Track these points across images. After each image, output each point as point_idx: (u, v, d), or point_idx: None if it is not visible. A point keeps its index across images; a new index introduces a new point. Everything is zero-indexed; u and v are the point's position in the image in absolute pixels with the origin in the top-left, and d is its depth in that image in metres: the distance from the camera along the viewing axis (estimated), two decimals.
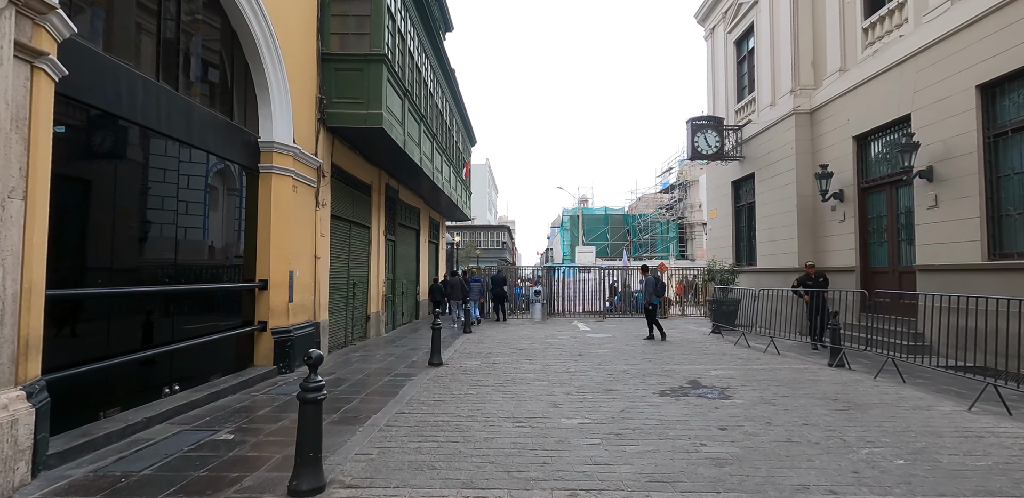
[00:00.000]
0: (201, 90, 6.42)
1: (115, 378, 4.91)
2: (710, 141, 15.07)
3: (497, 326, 14.88)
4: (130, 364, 5.03)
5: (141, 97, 5.14)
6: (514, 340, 11.62)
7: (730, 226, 15.95)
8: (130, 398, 5.08)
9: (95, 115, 4.71)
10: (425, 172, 12.54)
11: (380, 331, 12.09)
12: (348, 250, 10.42)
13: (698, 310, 18.72)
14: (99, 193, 4.82)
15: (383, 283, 12.34)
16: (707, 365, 8.31)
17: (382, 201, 12.30)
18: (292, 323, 7.76)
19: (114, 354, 4.86)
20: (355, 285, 10.72)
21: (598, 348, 10.30)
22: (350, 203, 10.47)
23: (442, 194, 15.89)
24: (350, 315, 10.54)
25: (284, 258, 7.53)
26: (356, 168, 10.67)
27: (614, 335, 12.59)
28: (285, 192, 7.56)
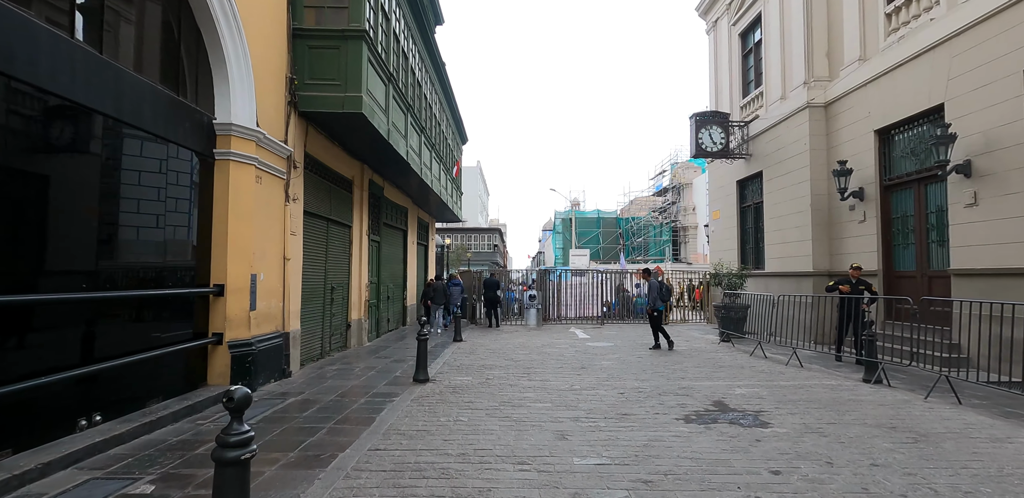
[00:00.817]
0: (138, 57, 5.34)
1: (7, 410, 3.81)
2: (715, 138, 14.18)
3: (490, 333, 13.82)
4: (32, 391, 3.93)
5: (46, 54, 4.07)
6: (509, 350, 10.58)
7: (735, 227, 15.05)
8: (28, 435, 3.98)
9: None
10: (413, 167, 11.49)
11: (362, 340, 11.00)
12: (325, 251, 9.33)
13: (699, 315, 17.80)
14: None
15: (366, 287, 11.26)
16: (728, 381, 7.32)
17: (365, 198, 11.23)
18: (255, 334, 6.66)
19: (9, 379, 3.77)
20: (333, 290, 9.63)
21: (602, 359, 9.28)
22: (327, 199, 9.39)
23: (431, 193, 14.84)
24: (327, 323, 9.44)
25: (244, 259, 6.44)
26: (335, 161, 9.60)
27: (616, 344, 11.59)
28: (246, 183, 6.48)
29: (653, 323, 10.88)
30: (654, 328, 10.86)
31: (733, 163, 14.65)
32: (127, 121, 5.00)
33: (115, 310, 4.97)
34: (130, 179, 5.20)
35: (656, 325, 10.80)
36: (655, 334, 10.83)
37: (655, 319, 10.84)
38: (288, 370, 7.45)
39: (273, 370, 7.07)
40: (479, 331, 14.35)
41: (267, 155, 6.97)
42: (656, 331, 10.82)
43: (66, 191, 4.40)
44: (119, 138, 5.02)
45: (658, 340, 10.77)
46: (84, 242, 4.59)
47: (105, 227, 4.81)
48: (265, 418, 5.38)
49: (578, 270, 19.59)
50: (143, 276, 5.37)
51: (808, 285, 11.39)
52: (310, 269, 8.65)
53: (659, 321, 10.82)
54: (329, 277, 9.49)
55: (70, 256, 4.48)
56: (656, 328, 10.81)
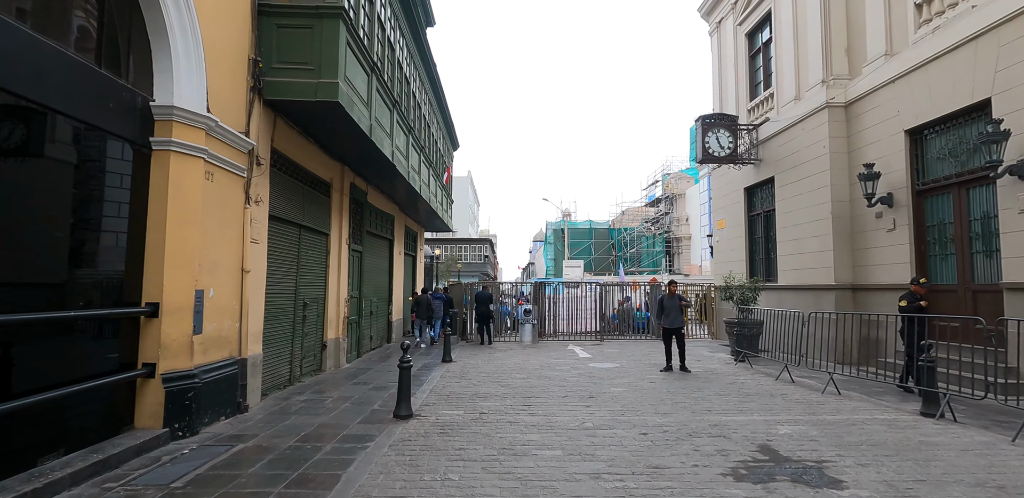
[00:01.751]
0: (41, 15, 4.19)
1: None
2: (722, 141, 13.21)
3: (482, 352, 12.61)
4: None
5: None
6: (504, 372, 9.38)
7: (743, 237, 14.04)
8: None
9: None
10: (399, 170, 10.36)
11: (340, 362, 9.75)
12: (297, 262, 8.14)
13: (702, 330, 16.69)
14: None
15: (345, 302, 10.04)
16: (764, 414, 6.19)
17: (345, 203, 10.06)
18: (199, 363, 5.44)
19: None
20: (306, 306, 8.41)
21: (611, 385, 8.12)
22: (300, 203, 8.22)
23: (420, 199, 13.70)
24: (298, 344, 8.21)
25: (187, 272, 5.24)
26: (310, 160, 8.45)
27: (621, 364, 10.43)
28: (193, 179, 5.30)
29: (670, 342, 9.70)
30: (668, 348, 9.71)
31: (741, 169, 13.68)
32: (27, 97, 3.84)
33: (5, 339, 3.75)
34: (35, 172, 4.02)
35: (676, 344, 9.63)
36: (668, 354, 9.69)
37: (677, 338, 9.66)
38: (244, 404, 6.21)
39: (224, 405, 5.83)
40: (470, 349, 13.13)
41: (221, 148, 5.80)
42: (670, 351, 9.67)
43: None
44: (17, 121, 3.85)
45: (670, 361, 9.63)
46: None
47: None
48: (197, 478, 4.14)
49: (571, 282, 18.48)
50: (50, 294, 4.17)
51: (829, 299, 10.36)
52: (277, 283, 7.44)
53: (682, 340, 9.68)
54: (301, 291, 8.27)
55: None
56: (671, 348, 9.67)
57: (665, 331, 9.77)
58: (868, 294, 9.95)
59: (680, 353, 9.56)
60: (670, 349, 9.67)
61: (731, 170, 14.44)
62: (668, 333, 9.72)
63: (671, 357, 9.64)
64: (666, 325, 9.69)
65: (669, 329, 9.67)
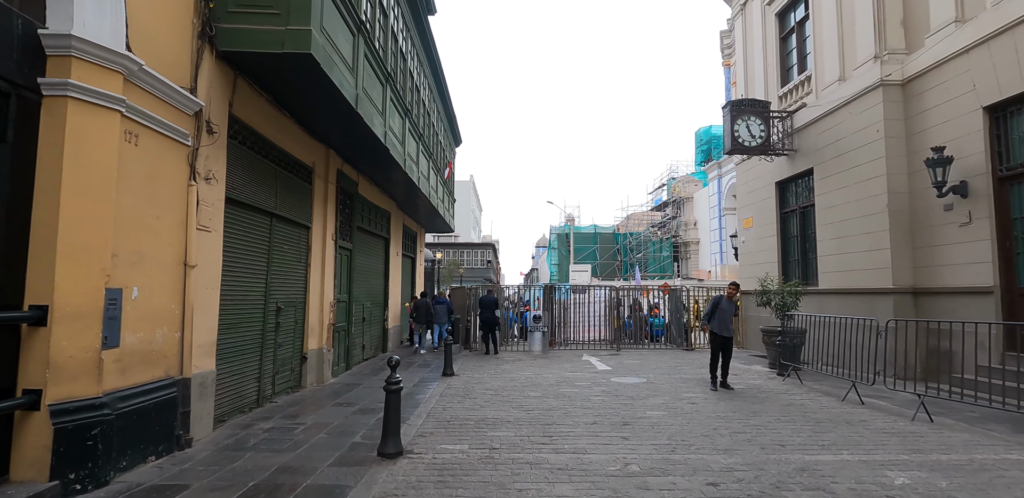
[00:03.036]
0: None
1: None
2: (753, 130, 11.81)
3: (488, 363, 11.14)
4: None
5: None
6: (515, 389, 7.91)
7: (774, 237, 12.60)
8: None
9: None
10: (394, 156, 8.96)
11: (324, 376, 8.28)
12: (268, 257, 6.71)
13: None
14: None
15: (331, 307, 8.59)
16: (856, 452, 4.72)
17: (331, 193, 8.65)
18: (114, 388, 4.00)
19: None
20: (280, 311, 6.97)
21: (645, 406, 6.65)
22: (272, 187, 6.81)
23: (419, 194, 12.31)
24: (269, 357, 6.76)
25: (93, 264, 3.81)
26: (286, 138, 7.06)
27: (648, 378, 8.96)
28: (103, 139, 3.90)
29: (718, 355, 8.14)
30: (714, 362, 8.16)
31: (773, 161, 12.28)
32: None
33: None
34: None
35: (723, 358, 8.12)
36: (713, 368, 8.16)
37: (725, 348, 8.13)
38: (185, 438, 4.75)
39: (154, 441, 4.38)
40: (474, 359, 11.66)
41: (152, 103, 4.40)
42: (715, 365, 8.16)
43: None
44: None
45: (716, 378, 8.08)
46: None
47: None
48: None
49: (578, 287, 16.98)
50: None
51: (885, 305, 8.90)
52: (239, 282, 6.01)
53: (728, 351, 8.17)
54: (274, 294, 6.84)
55: None
56: (717, 362, 8.14)
57: (715, 339, 8.20)
58: (934, 299, 8.49)
59: (723, 366, 8.07)
60: (717, 362, 8.15)
61: (760, 164, 13.04)
62: (719, 343, 8.14)
63: (715, 372, 8.13)
64: (720, 332, 8.13)
65: (721, 338, 8.12)
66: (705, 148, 41.38)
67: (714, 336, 8.25)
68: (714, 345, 8.25)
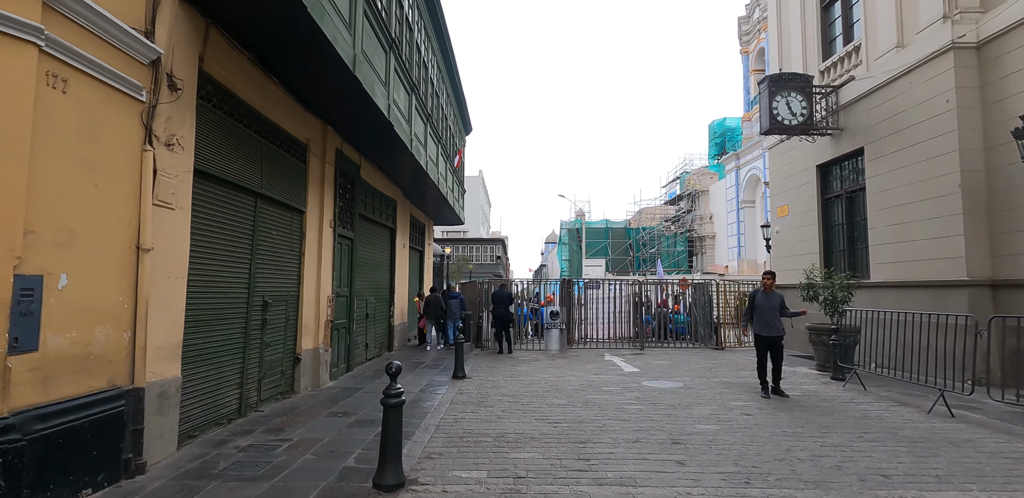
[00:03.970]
0: None
1: None
2: (794, 107, 10.70)
3: (502, 364, 10.16)
4: None
5: None
6: (536, 395, 6.93)
7: (815, 225, 11.49)
8: None
9: None
10: (399, 135, 7.98)
11: (320, 379, 7.35)
12: (251, 244, 5.76)
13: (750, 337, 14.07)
14: None
15: (329, 302, 7.65)
16: (993, 491, 3.69)
17: (330, 175, 7.69)
18: (28, 404, 3.06)
19: None
20: (266, 306, 6.02)
21: (691, 418, 5.64)
22: (256, 163, 5.85)
23: (428, 182, 11.33)
24: (254, 360, 5.82)
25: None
26: (274, 107, 6.10)
27: (685, 382, 7.94)
28: (11, 76, 2.95)
29: (774, 358, 7.00)
30: (762, 366, 7.10)
31: (816, 141, 11.15)
32: None
33: None
34: None
35: (773, 361, 7.01)
36: (762, 372, 7.10)
37: (775, 349, 6.99)
38: (137, 462, 3.81)
39: (91, 470, 3.45)
40: (487, 359, 10.70)
41: (88, 41, 3.44)
42: (764, 368, 7.09)
43: None
44: None
45: (767, 384, 7.02)
46: None
47: None
48: None
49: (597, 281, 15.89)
50: None
51: (959, 299, 7.80)
52: (214, 271, 5.07)
53: (778, 353, 7.02)
54: (259, 286, 5.89)
55: None
56: (765, 364, 7.09)
57: (760, 340, 7.15)
58: (1020, 293, 7.38)
59: (775, 371, 7.01)
60: (765, 365, 7.10)
61: (797, 146, 11.93)
62: (764, 344, 7.08)
63: (765, 376, 7.09)
64: (761, 332, 7.09)
65: (766, 338, 7.06)
66: (719, 141, 40.09)
67: (757, 337, 7.18)
68: (759, 347, 7.18)
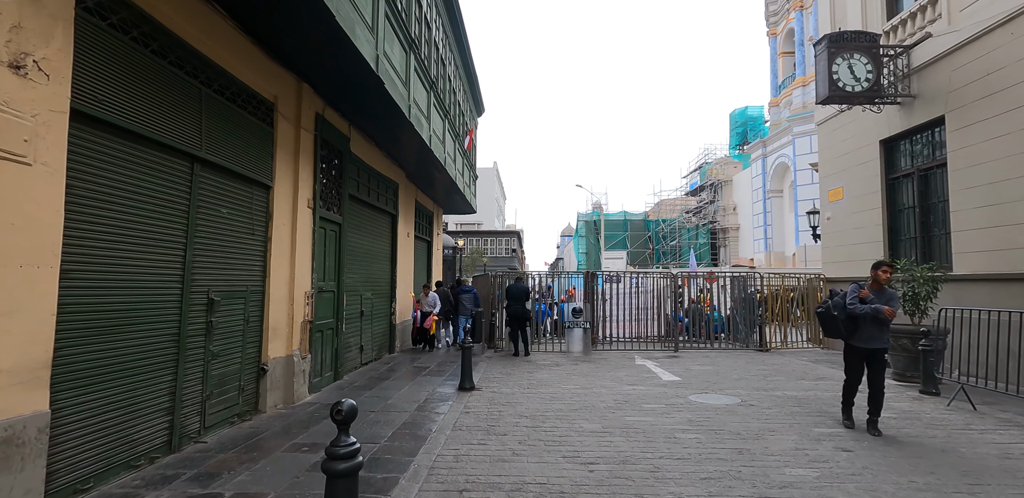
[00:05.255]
0: None
1: None
2: (858, 71, 9.02)
3: (518, 369, 8.70)
4: None
5: None
6: (560, 417, 5.46)
7: (878, 209, 9.82)
8: None
9: None
10: (393, 97, 6.51)
11: (295, 393, 5.95)
12: (187, 223, 4.34)
13: (800, 335, 12.45)
14: None
15: (307, 299, 6.25)
16: None
17: (307, 144, 6.27)
18: None
19: None
20: (212, 304, 4.63)
21: (772, 457, 4.12)
22: (191, 116, 4.42)
23: (434, 162, 9.87)
24: (195, 375, 4.42)
25: None
26: (224, 49, 4.67)
27: (741, 397, 6.41)
28: None
29: (872, 376, 5.08)
30: (855, 383, 5.21)
31: (882, 111, 9.45)
32: None
33: None
34: None
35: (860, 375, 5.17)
36: (850, 395, 5.23)
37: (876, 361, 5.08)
38: None
39: None
40: (500, 364, 9.25)
41: None
42: (854, 389, 5.21)
43: None
44: None
45: (851, 409, 5.22)
46: None
47: None
48: None
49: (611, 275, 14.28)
50: None
51: None
52: (113, 258, 3.66)
53: (879, 369, 5.08)
54: (200, 278, 4.49)
55: None
56: (856, 383, 5.20)
57: (855, 354, 5.15)
58: None
59: (874, 398, 5.00)
60: (856, 387, 5.23)
61: (854, 120, 10.26)
62: (862, 358, 5.12)
63: (852, 400, 5.25)
64: (859, 343, 5.09)
65: (866, 351, 5.08)
66: (740, 130, 38.16)
67: (853, 349, 5.16)
68: (853, 362, 5.17)
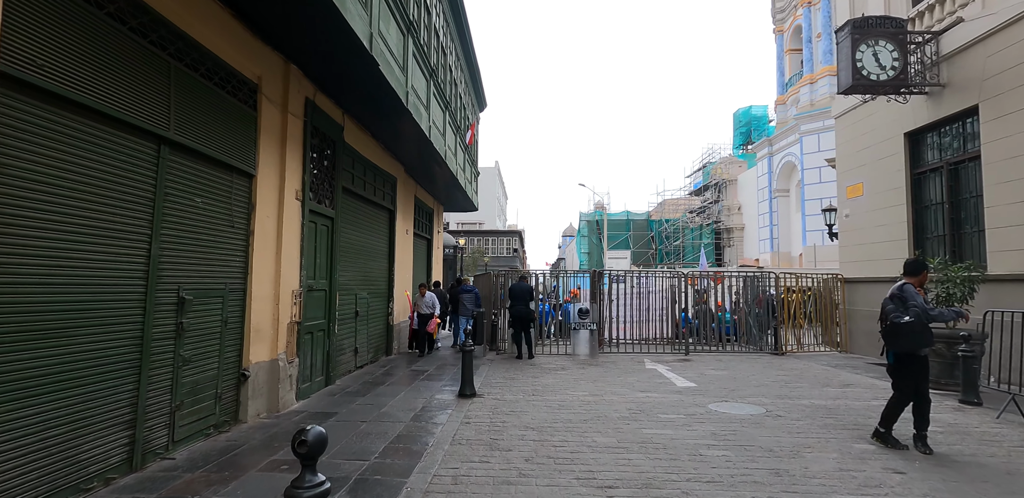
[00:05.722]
0: None
1: None
2: (883, 59, 8.49)
3: (522, 373, 8.18)
4: None
5: None
6: (570, 429, 4.93)
7: (902, 205, 9.28)
8: None
9: None
10: (389, 81, 6.00)
11: (280, 401, 5.43)
12: (152, 210, 3.83)
13: (814, 337, 11.90)
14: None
15: (295, 298, 5.74)
16: None
17: (296, 131, 5.76)
18: None
19: None
20: (183, 303, 4.11)
21: (816, 480, 3.56)
22: (160, 91, 3.90)
23: (434, 155, 9.36)
24: (160, 385, 3.91)
25: None
26: (199, 20, 4.16)
27: (766, 406, 5.88)
28: None
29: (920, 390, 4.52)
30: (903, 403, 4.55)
31: (908, 101, 8.92)
32: None
33: None
34: None
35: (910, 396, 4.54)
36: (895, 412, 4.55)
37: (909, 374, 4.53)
38: None
39: None
40: (503, 367, 8.73)
41: None
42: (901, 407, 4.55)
43: None
44: None
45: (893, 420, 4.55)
46: None
47: None
48: None
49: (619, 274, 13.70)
50: None
51: None
52: (50, 248, 3.16)
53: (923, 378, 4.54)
54: (166, 274, 3.97)
55: None
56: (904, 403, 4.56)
57: (911, 363, 4.51)
58: None
59: (920, 409, 4.46)
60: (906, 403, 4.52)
61: (876, 112, 9.73)
62: (917, 368, 4.51)
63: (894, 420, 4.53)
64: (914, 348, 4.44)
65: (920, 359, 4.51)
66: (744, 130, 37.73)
67: (921, 361, 4.50)
68: (920, 375, 4.49)
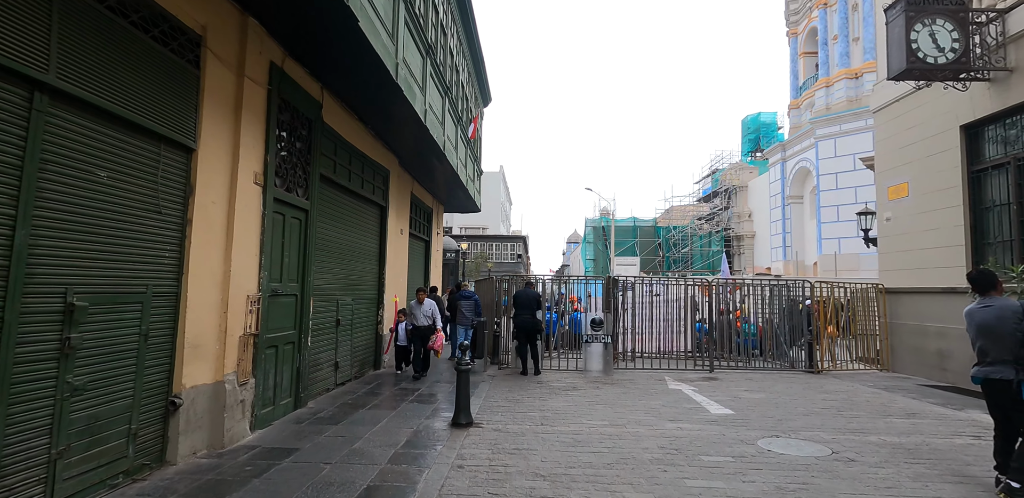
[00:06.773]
0: None
1: None
2: (942, 40, 7.43)
3: (527, 394, 7.05)
4: None
5: None
6: (590, 480, 3.79)
7: (958, 206, 8.15)
8: None
9: None
10: (374, 48, 4.96)
11: (228, 434, 4.33)
12: (17, 184, 2.77)
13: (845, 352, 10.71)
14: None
15: (251, 304, 4.65)
16: None
17: (256, 100, 4.71)
18: None
19: None
20: (72, 313, 3.04)
21: None
22: (36, 20, 2.86)
23: (432, 147, 8.31)
24: (38, 424, 2.82)
25: None
26: None
27: (829, 444, 4.73)
28: None
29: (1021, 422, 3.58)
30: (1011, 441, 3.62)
31: (968, 89, 7.82)
32: None
33: None
34: None
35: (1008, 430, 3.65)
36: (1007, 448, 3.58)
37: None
38: None
39: None
40: (505, 385, 7.60)
41: None
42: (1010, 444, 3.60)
43: None
44: None
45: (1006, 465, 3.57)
46: None
47: None
48: None
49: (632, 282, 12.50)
50: None
51: None
52: None
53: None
54: (39, 269, 2.90)
55: None
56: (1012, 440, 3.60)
57: (995, 394, 3.69)
58: None
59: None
60: (1016, 441, 3.60)
61: (925, 103, 8.65)
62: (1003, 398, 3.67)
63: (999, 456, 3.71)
64: (993, 374, 3.64)
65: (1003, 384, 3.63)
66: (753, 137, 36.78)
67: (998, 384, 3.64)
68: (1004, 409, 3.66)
